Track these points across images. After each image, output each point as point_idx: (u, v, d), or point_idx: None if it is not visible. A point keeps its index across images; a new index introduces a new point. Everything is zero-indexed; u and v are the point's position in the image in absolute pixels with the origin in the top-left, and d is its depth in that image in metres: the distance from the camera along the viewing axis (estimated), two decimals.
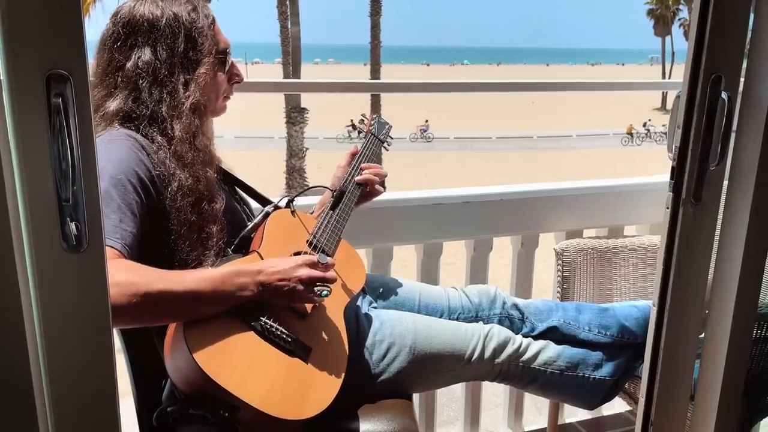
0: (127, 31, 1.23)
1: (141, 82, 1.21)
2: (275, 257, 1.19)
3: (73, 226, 0.75)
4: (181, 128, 1.21)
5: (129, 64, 1.22)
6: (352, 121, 24.49)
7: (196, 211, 1.18)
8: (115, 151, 1.15)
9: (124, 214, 1.10)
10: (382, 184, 1.53)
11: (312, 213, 1.53)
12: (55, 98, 0.72)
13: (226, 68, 1.32)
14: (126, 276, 1.02)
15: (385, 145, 1.63)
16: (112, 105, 1.21)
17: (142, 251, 1.13)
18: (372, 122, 1.64)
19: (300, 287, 1.13)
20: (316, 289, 1.15)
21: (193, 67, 1.24)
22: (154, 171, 1.17)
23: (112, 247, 1.06)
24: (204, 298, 1.07)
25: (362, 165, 1.50)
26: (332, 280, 1.17)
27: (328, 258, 1.21)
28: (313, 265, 1.16)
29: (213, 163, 1.27)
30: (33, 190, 0.74)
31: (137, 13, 1.23)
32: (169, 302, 1.05)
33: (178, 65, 1.23)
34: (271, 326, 1.12)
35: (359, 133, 21.96)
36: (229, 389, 1.01)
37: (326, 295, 1.17)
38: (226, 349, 1.06)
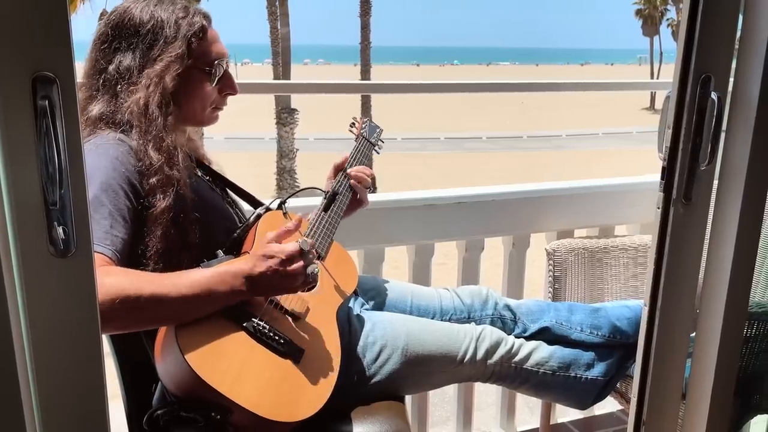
0: (114, 34, 1.22)
1: (119, 87, 1.20)
2: None
3: (60, 230, 0.74)
4: (138, 135, 1.18)
5: (111, 68, 1.21)
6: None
7: (171, 223, 1.16)
8: (104, 156, 1.14)
9: (114, 219, 1.09)
10: (373, 184, 1.52)
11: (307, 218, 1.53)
12: (41, 101, 0.71)
13: (215, 80, 1.28)
14: (116, 282, 1.01)
15: (376, 148, 1.62)
16: (95, 109, 1.20)
17: (135, 254, 1.12)
18: (363, 125, 1.63)
19: (294, 266, 1.10)
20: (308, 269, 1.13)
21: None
22: (142, 178, 1.16)
23: (102, 254, 1.05)
24: (196, 300, 1.06)
25: (348, 171, 1.48)
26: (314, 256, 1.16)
27: (309, 240, 1.17)
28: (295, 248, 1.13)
29: (181, 174, 1.20)
30: (19, 194, 0.73)
31: (126, 16, 1.22)
32: (161, 306, 1.04)
33: (145, 70, 1.20)
34: (264, 327, 1.11)
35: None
36: (221, 391, 1.01)
37: (316, 271, 1.15)
38: (219, 351, 1.05)
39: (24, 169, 0.72)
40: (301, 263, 1.11)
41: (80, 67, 1.20)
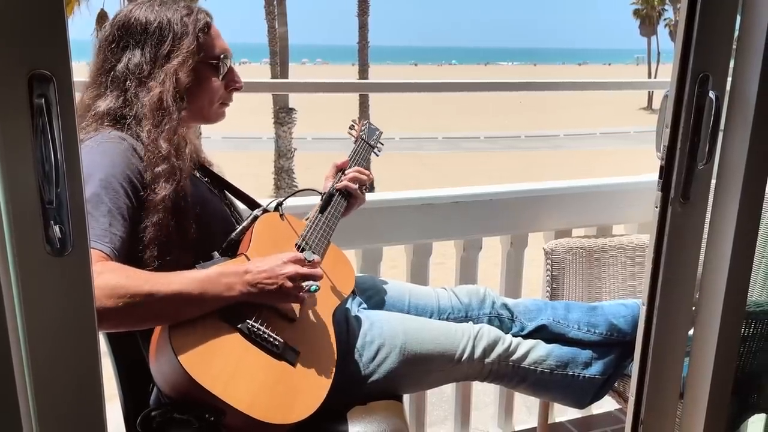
0: (121, 33, 1.24)
1: (128, 83, 1.22)
2: None
3: (57, 229, 0.74)
4: (150, 128, 1.19)
5: (120, 66, 1.23)
6: None
7: (169, 212, 1.17)
8: (106, 154, 1.15)
9: (114, 217, 1.10)
10: (371, 186, 1.52)
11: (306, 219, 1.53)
12: (37, 99, 0.70)
13: (221, 74, 1.31)
14: (113, 278, 1.01)
15: (376, 150, 1.62)
16: (102, 105, 1.22)
17: (133, 251, 1.12)
18: (362, 127, 1.62)
19: (288, 284, 1.12)
20: (304, 284, 1.14)
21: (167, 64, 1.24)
22: (144, 173, 1.16)
23: (100, 250, 1.05)
24: (191, 299, 1.06)
25: (341, 177, 1.48)
26: (319, 277, 1.17)
27: (315, 255, 1.20)
28: (299, 262, 1.15)
29: (185, 166, 1.22)
30: (15, 193, 0.72)
31: (132, 16, 1.25)
32: (157, 304, 1.04)
33: (158, 66, 1.23)
34: (259, 329, 1.11)
35: None
36: (214, 392, 1.00)
37: (316, 290, 1.16)
38: (212, 353, 1.05)
39: (20, 167, 0.72)
40: (291, 286, 1.13)
41: (79, 69, 1.20)
